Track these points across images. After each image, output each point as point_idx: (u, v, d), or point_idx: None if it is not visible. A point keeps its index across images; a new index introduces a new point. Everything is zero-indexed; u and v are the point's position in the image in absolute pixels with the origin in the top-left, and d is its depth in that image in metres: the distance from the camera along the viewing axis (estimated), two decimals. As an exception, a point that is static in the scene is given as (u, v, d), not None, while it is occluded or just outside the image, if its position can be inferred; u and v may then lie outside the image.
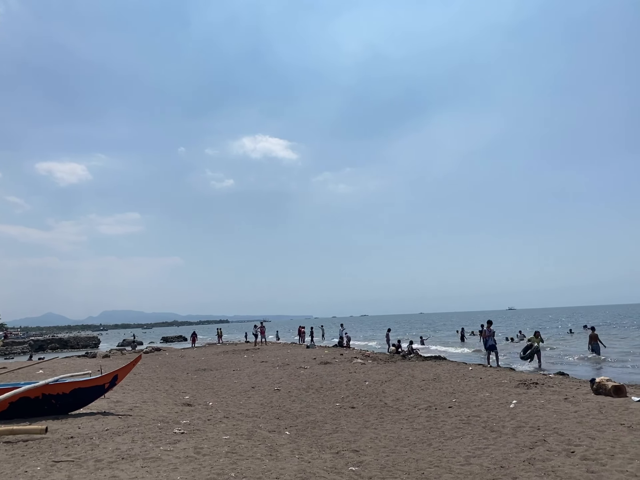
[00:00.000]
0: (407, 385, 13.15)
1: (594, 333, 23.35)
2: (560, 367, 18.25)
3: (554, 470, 5.96)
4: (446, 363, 18.81)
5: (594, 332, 23.49)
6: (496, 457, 6.63)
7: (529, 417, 8.73)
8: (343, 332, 32.06)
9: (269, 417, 9.99)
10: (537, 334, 20.21)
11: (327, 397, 12.06)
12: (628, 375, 16.05)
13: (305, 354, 24.66)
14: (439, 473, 6.08)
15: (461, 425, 8.56)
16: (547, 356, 22.83)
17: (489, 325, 19.40)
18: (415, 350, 25.68)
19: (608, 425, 7.85)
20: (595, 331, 23.75)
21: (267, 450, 7.04)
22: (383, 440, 7.80)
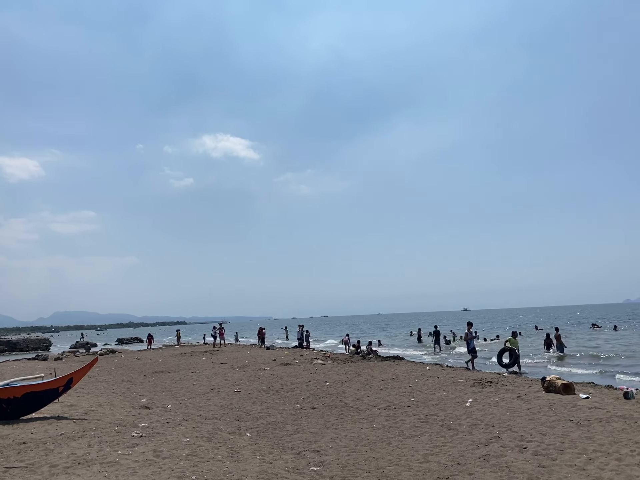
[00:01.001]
0: (366, 385, 13.32)
1: (557, 333, 24.61)
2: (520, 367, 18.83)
3: (508, 465, 6.18)
4: (404, 363, 19.13)
5: (557, 333, 24.77)
6: (453, 454, 6.82)
7: (484, 415, 9.01)
8: (304, 333, 32.10)
9: (229, 418, 9.93)
10: (515, 334, 18.94)
11: (287, 398, 12.08)
12: (580, 373, 16.77)
13: (265, 356, 24.58)
14: (398, 471, 6.21)
15: (419, 424, 8.75)
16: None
17: (469, 328, 18.47)
18: (374, 350, 26.00)
19: (558, 422, 8.20)
20: (559, 331, 25.09)
21: (228, 452, 7.01)
22: (344, 440, 7.89)
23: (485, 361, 21.22)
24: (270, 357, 23.07)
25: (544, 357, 22.68)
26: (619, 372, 17.11)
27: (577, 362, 20.93)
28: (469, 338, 18.11)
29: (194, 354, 29.11)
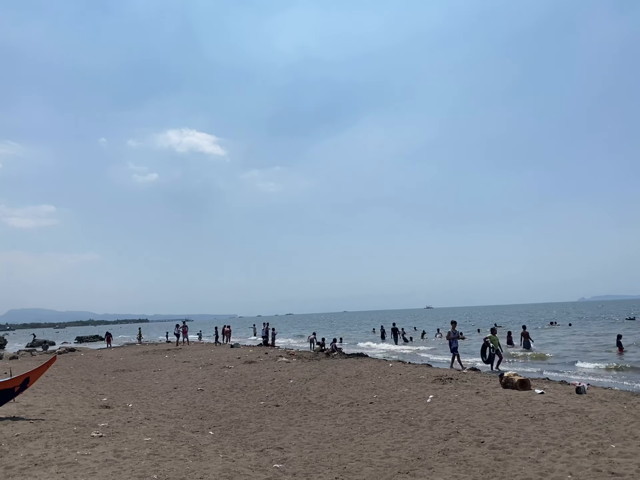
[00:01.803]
0: (330, 383, 13.43)
1: (525, 331, 25.69)
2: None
3: (466, 459, 6.37)
4: (368, 360, 19.36)
5: (525, 330, 25.87)
6: (414, 449, 6.98)
7: (444, 411, 9.23)
8: (270, 331, 32.04)
9: (192, 417, 9.86)
10: (494, 331, 18.27)
11: (251, 396, 12.07)
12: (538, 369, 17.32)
13: (229, 354, 24.45)
14: (360, 467, 6.32)
15: (381, 420, 8.90)
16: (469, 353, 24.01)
17: (453, 327, 17.90)
18: (339, 348, 26.17)
19: (514, 416, 8.49)
20: (526, 329, 26.22)
21: (190, 450, 6.98)
22: (307, 437, 7.96)
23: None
24: (234, 356, 22.95)
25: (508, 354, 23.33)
26: (573, 366, 17.78)
27: (536, 358, 21.58)
28: (451, 337, 17.58)
29: (156, 352, 28.68)
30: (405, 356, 24.40)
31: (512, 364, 19.43)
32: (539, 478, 5.55)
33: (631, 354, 21.19)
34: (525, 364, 19.57)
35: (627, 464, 5.80)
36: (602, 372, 16.59)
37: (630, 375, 15.67)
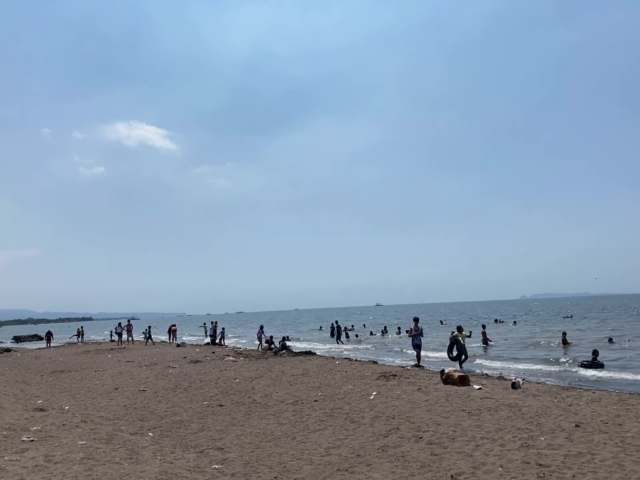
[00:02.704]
0: (276, 381, 13.42)
1: (483, 330, 26.52)
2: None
3: (404, 455, 6.51)
4: (316, 358, 19.47)
5: (483, 329, 26.72)
6: (354, 446, 7.06)
7: (386, 408, 9.39)
8: (218, 329, 31.62)
9: (131, 419, 9.60)
10: (460, 328, 17.98)
11: (195, 396, 11.88)
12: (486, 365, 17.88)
13: (175, 353, 23.99)
14: (300, 465, 6.34)
15: (325, 417, 8.97)
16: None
17: (416, 323, 17.53)
18: (287, 346, 26.16)
19: (452, 412, 8.74)
20: (485, 328, 27.17)
21: (127, 453, 6.80)
22: (249, 437, 7.91)
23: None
24: (180, 355, 22.54)
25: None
26: (514, 362, 18.47)
27: (485, 355, 22.28)
28: (414, 334, 17.37)
29: (98, 351, 27.78)
30: (353, 353, 24.66)
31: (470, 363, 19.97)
32: (472, 471, 5.74)
33: (574, 350, 22.07)
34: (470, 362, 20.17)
35: (554, 456, 6.10)
36: (543, 367, 17.31)
37: (565, 369, 16.43)
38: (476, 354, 22.71)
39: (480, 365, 18.00)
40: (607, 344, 23.72)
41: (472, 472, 5.73)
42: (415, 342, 17.32)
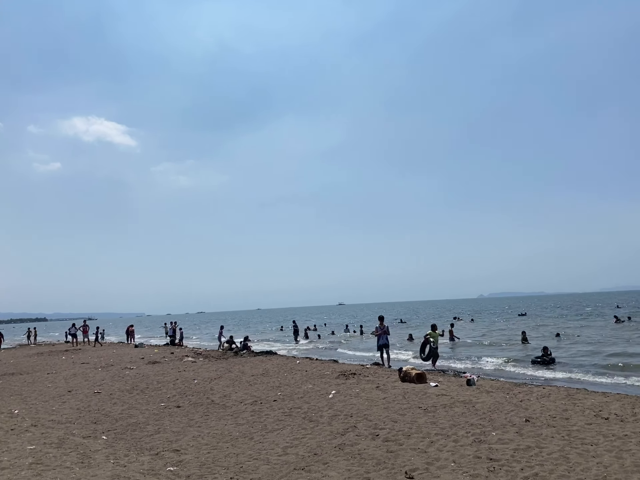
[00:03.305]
0: (236, 382, 13.32)
1: (451, 329, 27.35)
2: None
3: (360, 452, 6.58)
4: (276, 358, 19.44)
5: (451, 328, 27.58)
6: (311, 445, 7.09)
7: (344, 406, 9.47)
8: (177, 329, 31.15)
9: (85, 422, 9.35)
10: (434, 327, 17.45)
11: (152, 397, 11.67)
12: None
13: (133, 354, 23.49)
14: (256, 465, 6.32)
15: (283, 417, 8.96)
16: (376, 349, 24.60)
17: (381, 322, 16.77)
18: (248, 346, 26.00)
19: (409, 409, 8.89)
20: (453, 327, 28.16)
21: (78, 457, 6.63)
22: (206, 438, 7.83)
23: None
24: (138, 356, 22.09)
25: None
26: (471, 360, 18.92)
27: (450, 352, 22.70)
28: (379, 333, 16.72)
29: (52, 353, 26.92)
30: (314, 352, 24.72)
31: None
32: (426, 467, 5.86)
33: (529, 347, 22.69)
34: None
35: (504, 450, 6.29)
36: (499, 364, 17.78)
37: (518, 366, 16.94)
38: (442, 352, 23.18)
39: (441, 364, 18.35)
40: (555, 340, 24.63)
41: (426, 467, 5.84)
42: (382, 342, 16.58)
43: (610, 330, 30.76)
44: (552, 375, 14.54)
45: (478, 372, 15.46)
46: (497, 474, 5.49)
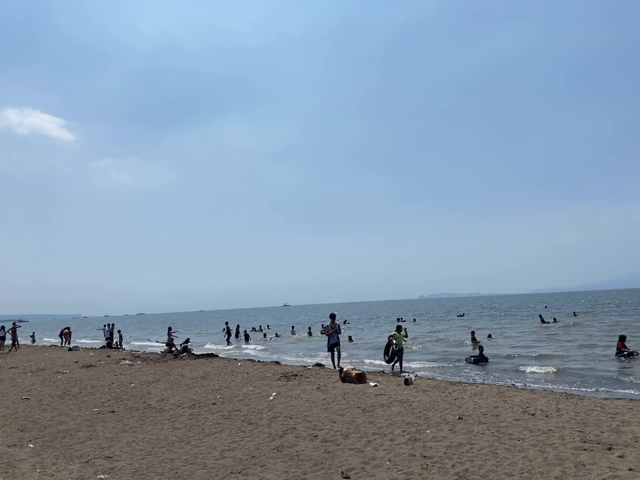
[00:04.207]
0: (174, 385, 13.03)
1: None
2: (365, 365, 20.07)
3: (298, 454, 6.60)
4: (217, 360, 19.17)
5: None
6: (250, 448, 7.05)
7: (284, 408, 9.47)
8: (114, 332, 30.13)
9: (10, 430, 8.86)
10: (399, 328, 17.22)
11: (84, 402, 11.22)
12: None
13: (66, 357, 22.51)
14: (192, 470, 6.21)
15: (222, 420, 8.85)
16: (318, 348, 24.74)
17: (332, 320, 15.97)
18: (188, 349, 25.51)
19: (348, 409, 9.01)
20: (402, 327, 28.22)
21: (2, 467, 6.31)
22: (140, 443, 7.62)
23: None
24: (71, 359, 21.18)
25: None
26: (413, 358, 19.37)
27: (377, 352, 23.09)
28: (330, 332, 15.90)
29: (-24, 358, 25.34)
30: (256, 354, 24.58)
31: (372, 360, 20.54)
32: (362, 466, 5.95)
33: (470, 347, 23.45)
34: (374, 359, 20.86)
35: (438, 447, 6.49)
36: (437, 363, 18.29)
37: (455, 365, 17.51)
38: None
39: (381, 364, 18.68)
40: (487, 340, 25.66)
41: (362, 467, 5.94)
42: (333, 341, 15.86)
43: (537, 330, 32.54)
44: (485, 374, 15.14)
45: (414, 370, 15.89)
46: (430, 470, 5.66)
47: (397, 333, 16.39)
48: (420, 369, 16.91)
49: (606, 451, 5.99)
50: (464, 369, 16.50)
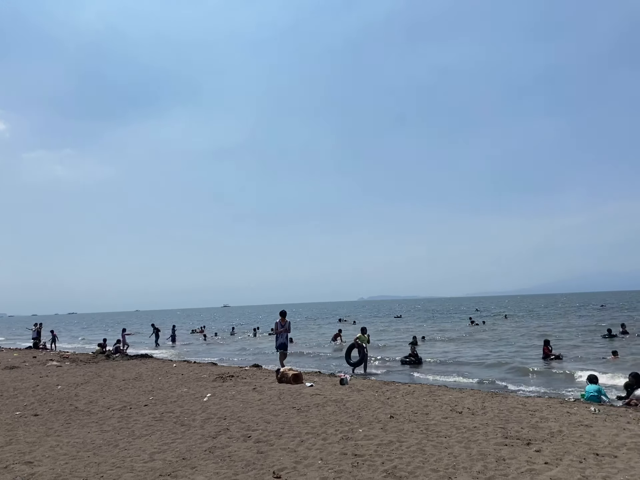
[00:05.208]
0: (104, 387, 12.59)
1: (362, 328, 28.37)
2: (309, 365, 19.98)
3: (230, 455, 6.55)
4: (152, 361, 18.68)
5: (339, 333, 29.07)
6: (181, 450, 6.92)
7: (218, 409, 9.36)
8: (43, 331, 28.68)
9: None
10: (364, 330, 16.95)
11: (5, 406, 10.61)
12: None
13: (-13, 358, 21.19)
14: (119, 474, 6.02)
15: (153, 422, 8.63)
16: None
17: (282, 318, 14.63)
18: (122, 349, 24.72)
19: (283, 410, 9.02)
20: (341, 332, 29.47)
21: None
22: (65, 447, 7.30)
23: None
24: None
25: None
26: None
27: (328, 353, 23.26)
28: (279, 331, 14.67)
29: None
30: (190, 355, 24.14)
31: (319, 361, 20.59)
32: (294, 466, 5.99)
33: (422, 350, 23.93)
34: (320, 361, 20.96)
35: (369, 446, 6.63)
36: (376, 363, 18.64)
37: (390, 365, 17.94)
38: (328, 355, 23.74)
39: (328, 365, 18.84)
40: (421, 341, 26.48)
41: (294, 466, 5.97)
42: (281, 341, 14.73)
43: (467, 331, 34.06)
44: (418, 374, 15.60)
45: (349, 370, 16.13)
46: (360, 468, 5.77)
47: (362, 335, 16.34)
48: (356, 369, 17.17)
49: (525, 446, 6.34)
50: (398, 369, 16.92)
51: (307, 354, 23.56)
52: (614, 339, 24.06)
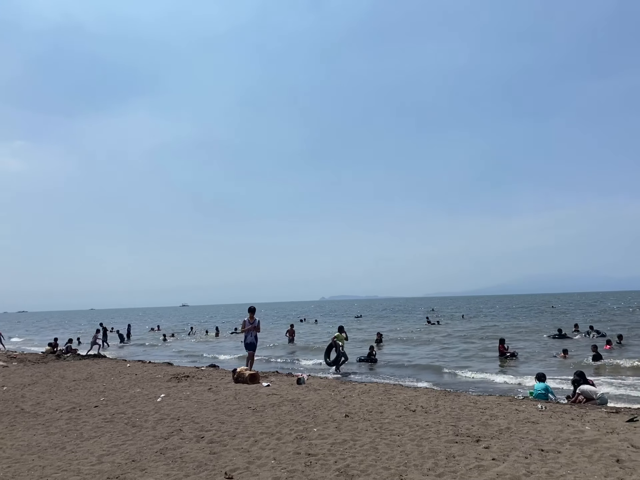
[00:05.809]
0: (53, 387, 12.17)
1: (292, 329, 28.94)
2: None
3: (182, 456, 6.43)
4: (104, 361, 18.19)
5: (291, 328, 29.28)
6: (131, 451, 6.75)
7: (172, 409, 9.19)
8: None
9: None
10: (341, 329, 16.65)
11: (-55, 408, 10.12)
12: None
13: None
14: (65, 477, 5.82)
15: (103, 424, 8.40)
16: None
17: (251, 315, 13.38)
18: (74, 349, 23.96)
19: (238, 410, 8.94)
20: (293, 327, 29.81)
21: None
22: (8, 451, 7.01)
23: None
24: None
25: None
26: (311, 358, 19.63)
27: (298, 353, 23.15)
28: (247, 328, 13.49)
29: None
30: (147, 355, 23.64)
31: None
32: (246, 466, 5.94)
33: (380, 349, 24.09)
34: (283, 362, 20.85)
35: (323, 445, 6.64)
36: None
37: (348, 365, 18.02)
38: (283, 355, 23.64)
39: (276, 363, 18.76)
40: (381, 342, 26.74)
41: (247, 466, 5.92)
42: (249, 340, 13.49)
43: (424, 330, 34.85)
44: (374, 373, 15.76)
45: (310, 371, 16.14)
46: (313, 468, 5.77)
47: (339, 334, 16.15)
48: (313, 368, 17.21)
49: (475, 443, 6.49)
50: (355, 368, 17.03)
51: (265, 354, 23.45)
52: (564, 339, 24.95)
